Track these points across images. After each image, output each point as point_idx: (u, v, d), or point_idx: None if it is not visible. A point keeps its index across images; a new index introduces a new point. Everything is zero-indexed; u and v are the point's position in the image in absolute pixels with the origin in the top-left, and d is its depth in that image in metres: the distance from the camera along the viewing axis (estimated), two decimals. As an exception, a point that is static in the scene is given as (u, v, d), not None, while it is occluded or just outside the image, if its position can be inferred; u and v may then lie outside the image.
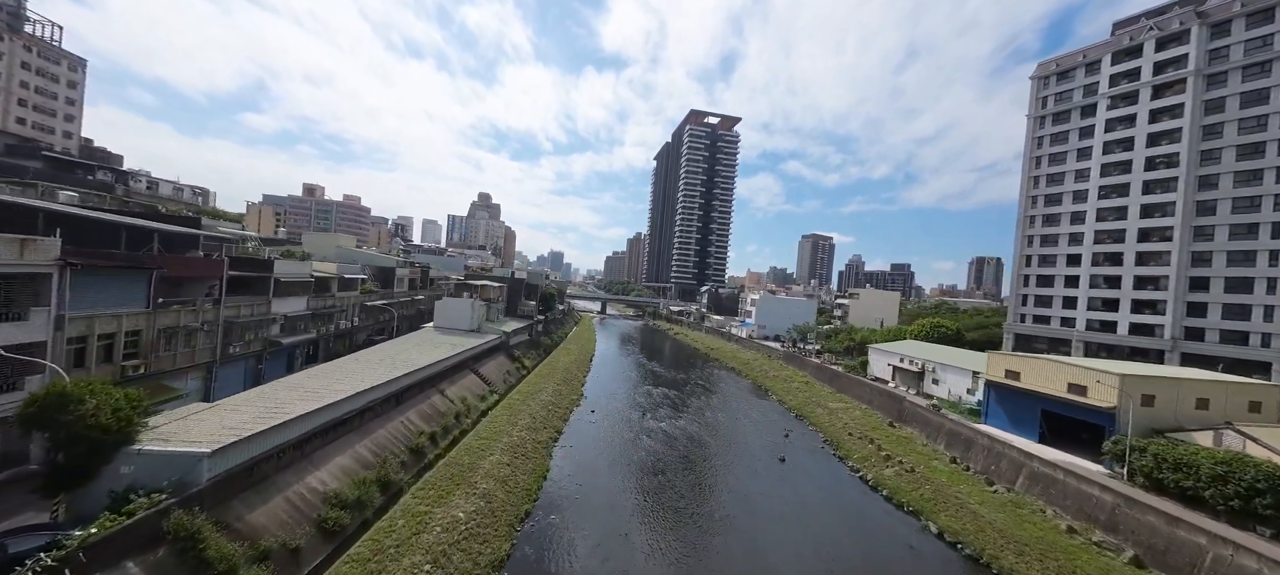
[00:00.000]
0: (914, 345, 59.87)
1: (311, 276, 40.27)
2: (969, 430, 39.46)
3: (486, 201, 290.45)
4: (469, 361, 46.52)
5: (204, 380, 31.14)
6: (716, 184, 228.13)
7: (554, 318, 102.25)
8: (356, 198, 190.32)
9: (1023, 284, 69.59)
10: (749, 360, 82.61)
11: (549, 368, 60.92)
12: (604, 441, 38.91)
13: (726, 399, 58.84)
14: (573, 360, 69.35)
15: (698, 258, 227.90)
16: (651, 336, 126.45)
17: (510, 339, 60.52)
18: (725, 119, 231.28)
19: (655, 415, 48.11)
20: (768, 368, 75.24)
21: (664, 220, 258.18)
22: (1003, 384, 40.20)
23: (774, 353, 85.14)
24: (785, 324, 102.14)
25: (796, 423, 50.11)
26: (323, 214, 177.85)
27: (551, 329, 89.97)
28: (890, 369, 57.20)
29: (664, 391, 58.95)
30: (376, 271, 58.05)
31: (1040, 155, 69.37)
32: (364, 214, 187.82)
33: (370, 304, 51.20)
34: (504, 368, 52.98)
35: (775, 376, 68.93)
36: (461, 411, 36.25)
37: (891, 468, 36.71)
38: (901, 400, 48.30)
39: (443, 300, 56.42)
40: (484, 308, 60.63)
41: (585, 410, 47.32)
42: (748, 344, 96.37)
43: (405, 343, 45.92)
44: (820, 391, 59.65)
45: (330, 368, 33.82)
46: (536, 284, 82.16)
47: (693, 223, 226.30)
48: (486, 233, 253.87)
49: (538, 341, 72.70)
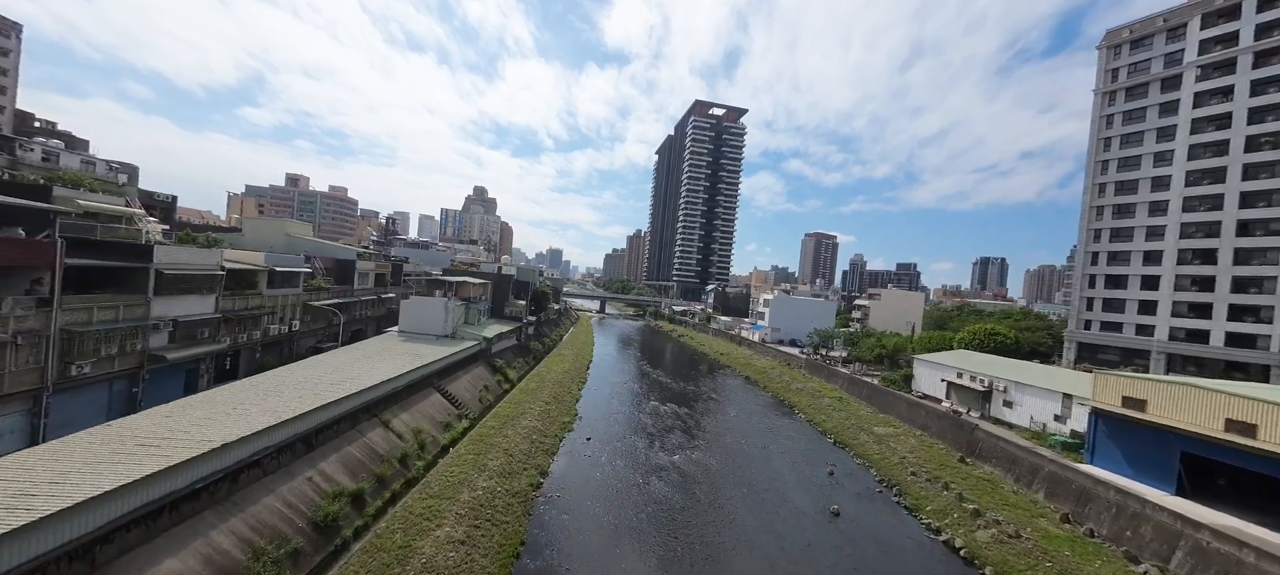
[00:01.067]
0: (971, 357, 50.60)
1: (221, 269, 30.86)
2: (1077, 476, 30.25)
3: (482, 195, 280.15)
4: (435, 377, 37.20)
5: (29, 415, 21.84)
6: (721, 178, 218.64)
7: (548, 319, 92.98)
8: (343, 188, 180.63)
9: (1088, 286, 60.32)
10: (766, 369, 73.41)
11: (538, 380, 51.64)
12: (602, 488, 29.63)
13: (747, 419, 49.60)
14: (567, 369, 60.07)
15: (701, 255, 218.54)
16: (654, 338, 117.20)
17: (493, 345, 51.24)
18: (731, 110, 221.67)
19: (665, 443, 38.86)
20: (789, 378, 66.01)
21: (665, 217, 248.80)
22: (1119, 415, 30.97)
23: (793, 360, 75.91)
24: (802, 327, 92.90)
25: (838, 453, 40.88)
26: (307, 205, 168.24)
27: (544, 332, 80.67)
28: (943, 385, 47.98)
29: (673, 409, 49.71)
30: (333, 265, 48.68)
31: (1110, 137, 60.00)
32: (350, 205, 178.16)
33: (317, 304, 41.81)
34: (482, 382, 43.66)
35: (800, 390, 59.69)
36: (411, 452, 26.94)
37: (985, 529, 27.47)
38: (971, 428, 39.04)
39: (409, 300, 47.08)
40: (461, 309, 51.29)
41: (579, 437, 38.06)
42: (761, 349, 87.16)
43: (353, 354, 36.56)
44: (858, 410, 50.41)
45: (221, 394, 24.46)
46: (527, 281, 72.92)
47: (696, 219, 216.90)
48: (481, 227, 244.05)
49: (527, 347, 63.40)
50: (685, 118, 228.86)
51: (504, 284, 64.73)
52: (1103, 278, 59.02)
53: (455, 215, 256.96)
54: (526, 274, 74.20)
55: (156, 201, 51.68)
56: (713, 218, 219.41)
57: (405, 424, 29.38)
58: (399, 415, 29.74)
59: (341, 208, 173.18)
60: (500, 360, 50.02)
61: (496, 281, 64.22)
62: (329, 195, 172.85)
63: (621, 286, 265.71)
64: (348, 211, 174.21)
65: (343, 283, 48.94)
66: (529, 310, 74.03)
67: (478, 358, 46.98)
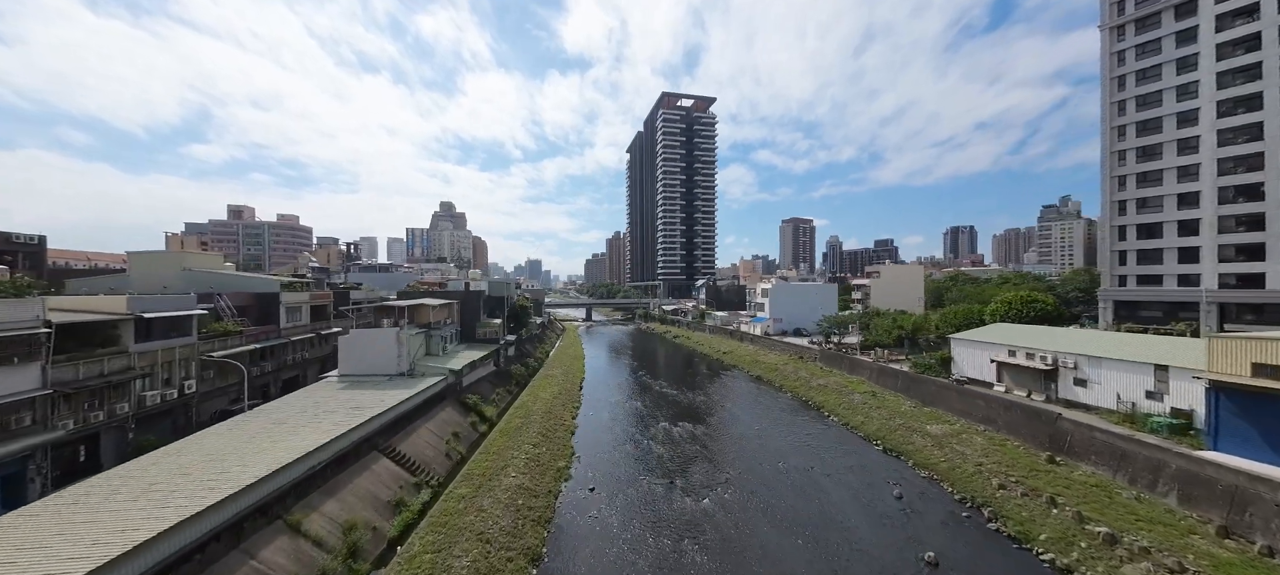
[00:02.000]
0: (1020, 331, 44.50)
1: (44, 324, 21.45)
2: (1218, 472, 23.80)
3: (449, 211, 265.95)
4: (382, 435, 28.36)
5: None
6: (696, 170, 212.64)
7: (531, 335, 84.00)
8: (294, 216, 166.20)
9: (1118, 238, 55.40)
10: (777, 366, 66.44)
11: (523, 413, 43.06)
12: (618, 566, 21.53)
13: (775, 430, 42.21)
14: (556, 393, 51.59)
15: (684, 249, 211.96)
16: (647, 343, 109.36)
17: (464, 378, 42.39)
18: (699, 100, 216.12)
19: (687, 481, 31.02)
20: (806, 374, 59.12)
21: (644, 215, 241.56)
22: (1252, 388, 24.74)
23: (805, 352, 69.25)
24: (806, 315, 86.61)
25: (894, 464, 33.83)
26: (253, 236, 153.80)
27: (527, 351, 71.77)
28: (993, 366, 41.68)
29: (687, 430, 41.92)
30: (251, 301, 39.03)
31: (1123, 74, 55.27)
32: (303, 234, 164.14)
33: (220, 355, 32.29)
34: (450, 429, 34.86)
35: (823, 387, 52.76)
36: (332, 569, 18.21)
37: (1132, 562, 20.61)
38: (1053, 418, 32.50)
39: (348, 336, 37.82)
40: (420, 338, 42.24)
41: (578, 488, 29.85)
42: (766, 343, 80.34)
43: (266, 418, 27.38)
44: (898, 406, 43.66)
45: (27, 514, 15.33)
46: (502, 296, 64.00)
47: (676, 213, 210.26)
48: (452, 244, 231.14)
49: (507, 373, 54.57)
50: (654, 112, 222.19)
51: (474, 302, 55.70)
52: (1133, 228, 54.18)
53: (423, 234, 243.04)
54: (501, 287, 65.23)
55: (15, 244, 40.96)
56: (692, 211, 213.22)
57: (330, 519, 20.59)
58: (321, 507, 20.93)
59: (294, 236, 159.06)
60: (473, 396, 41.21)
61: (464, 300, 55.15)
62: (278, 225, 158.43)
63: (606, 291, 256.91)
64: (301, 241, 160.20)
65: (265, 322, 39.32)
66: (507, 329, 65.08)
67: (444, 397, 38.11)
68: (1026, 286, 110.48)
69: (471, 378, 44.81)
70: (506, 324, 65.11)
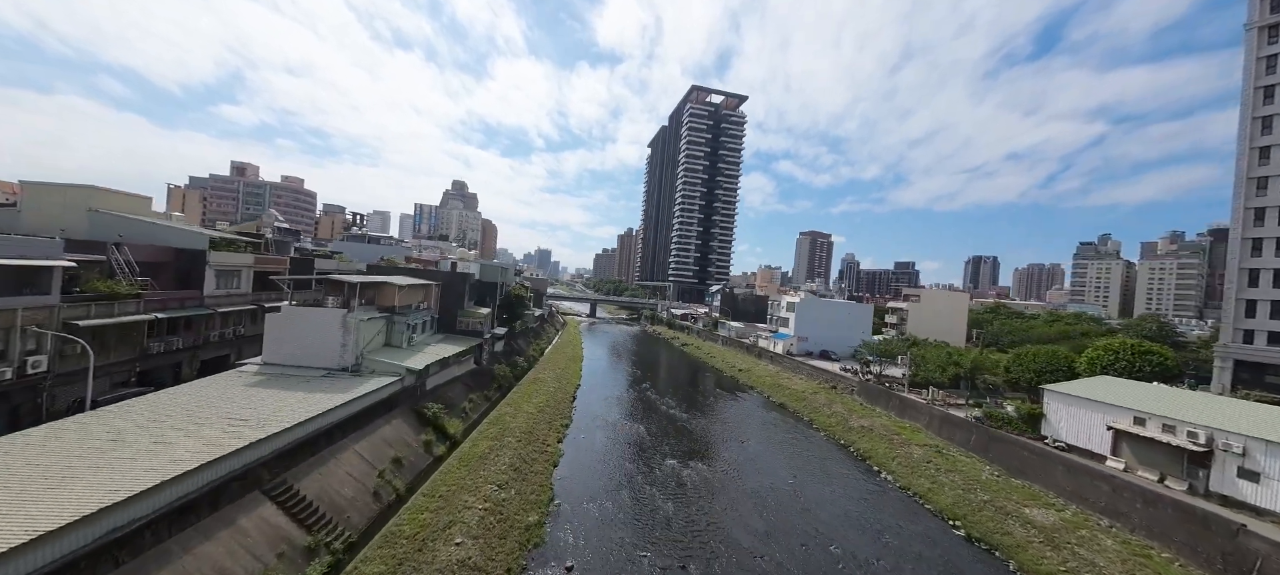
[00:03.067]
0: (1154, 393, 34.73)
1: None
2: None
3: (462, 190, 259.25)
4: (276, 463, 19.89)
5: None
6: (720, 170, 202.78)
7: (527, 328, 75.67)
8: (298, 179, 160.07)
9: (1248, 284, 45.05)
10: (805, 394, 57.07)
11: (497, 430, 34.51)
12: None
13: (812, 483, 33.03)
14: (542, 405, 42.99)
15: (699, 253, 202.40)
16: (653, 348, 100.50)
17: (427, 378, 33.93)
18: (730, 97, 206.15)
19: (705, 565, 22.14)
20: (842, 409, 49.77)
21: (660, 214, 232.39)
22: None
23: (837, 380, 59.84)
24: (835, 337, 76.98)
25: (986, 559, 24.54)
26: (253, 196, 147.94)
27: (520, 347, 63.36)
28: (1108, 435, 32.10)
29: (700, 471, 32.99)
30: (171, 258, 30.99)
31: (1274, 84, 44.85)
32: (306, 198, 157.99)
33: (95, 322, 24.14)
34: (392, 451, 26.34)
35: (867, 431, 43.39)
36: None
37: None
38: (1232, 531, 22.93)
39: (279, 314, 29.51)
40: (379, 325, 33.85)
41: (550, 565, 21.12)
42: (790, 365, 70.95)
43: (106, 423, 19.05)
44: (975, 472, 34.12)
45: None
46: (494, 282, 55.55)
47: (693, 213, 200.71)
48: (461, 224, 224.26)
49: (489, 373, 46.11)
50: (681, 105, 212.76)
51: (457, 286, 47.24)
52: (1271, 274, 43.79)
53: (432, 211, 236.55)
54: (493, 272, 56.75)
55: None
56: (711, 213, 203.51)
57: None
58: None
59: (296, 199, 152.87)
60: (437, 404, 32.64)
61: (447, 283, 46.71)
62: (280, 186, 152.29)
63: (613, 287, 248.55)
64: (304, 205, 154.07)
65: (186, 287, 31.26)
66: (497, 320, 56.69)
67: (396, 404, 29.66)
68: (1082, 325, 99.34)
69: (440, 379, 36.33)
70: (497, 315, 56.72)
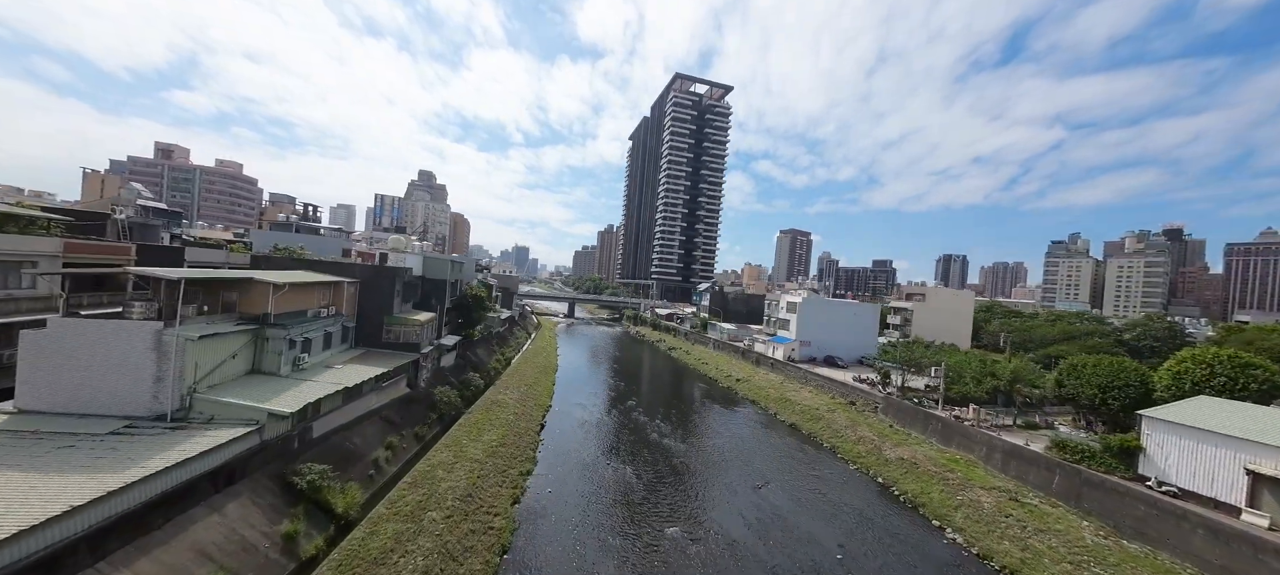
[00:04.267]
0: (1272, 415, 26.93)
1: None
2: None
3: (429, 181, 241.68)
4: None
5: None
6: (705, 163, 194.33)
7: (492, 334, 64.62)
8: (236, 164, 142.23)
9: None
10: (818, 410, 48.28)
11: (421, 494, 23.95)
12: None
13: (865, 553, 23.83)
14: (497, 441, 32.52)
15: (683, 249, 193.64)
16: (636, 352, 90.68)
17: (309, 424, 23.03)
18: (715, 87, 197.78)
19: None
20: (871, 434, 41.09)
21: (641, 208, 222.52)
22: None
23: (853, 393, 51.41)
24: (840, 341, 68.87)
25: None
26: (181, 183, 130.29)
27: (476, 360, 52.40)
28: (1244, 478, 24.13)
29: (715, 541, 23.32)
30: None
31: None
32: (246, 185, 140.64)
33: None
34: (219, 562, 15.57)
35: (910, 465, 34.67)
36: None
37: None
38: None
39: (42, 332, 18.29)
40: (240, 341, 22.77)
41: None
42: (794, 373, 62.30)
43: None
44: (1075, 531, 25.58)
45: None
46: (442, 278, 44.53)
47: (677, 208, 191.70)
48: (427, 217, 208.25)
49: (427, 399, 35.23)
50: (663, 96, 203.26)
51: (382, 284, 36.05)
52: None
53: (395, 202, 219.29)
54: (440, 266, 45.54)
55: None
56: (696, 209, 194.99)
57: None
58: None
59: (235, 187, 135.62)
60: (319, 466, 21.75)
61: (367, 281, 35.56)
62: (214, 171, 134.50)
63: (593, 286, 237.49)
64: (243, 194, 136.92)
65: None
66: (449, 326, 45.63)
67: (243, 471, 18.79)
68: (1085, 325, 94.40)
69: (342, 417, 25.46)
70: (447, 320, 45.64)
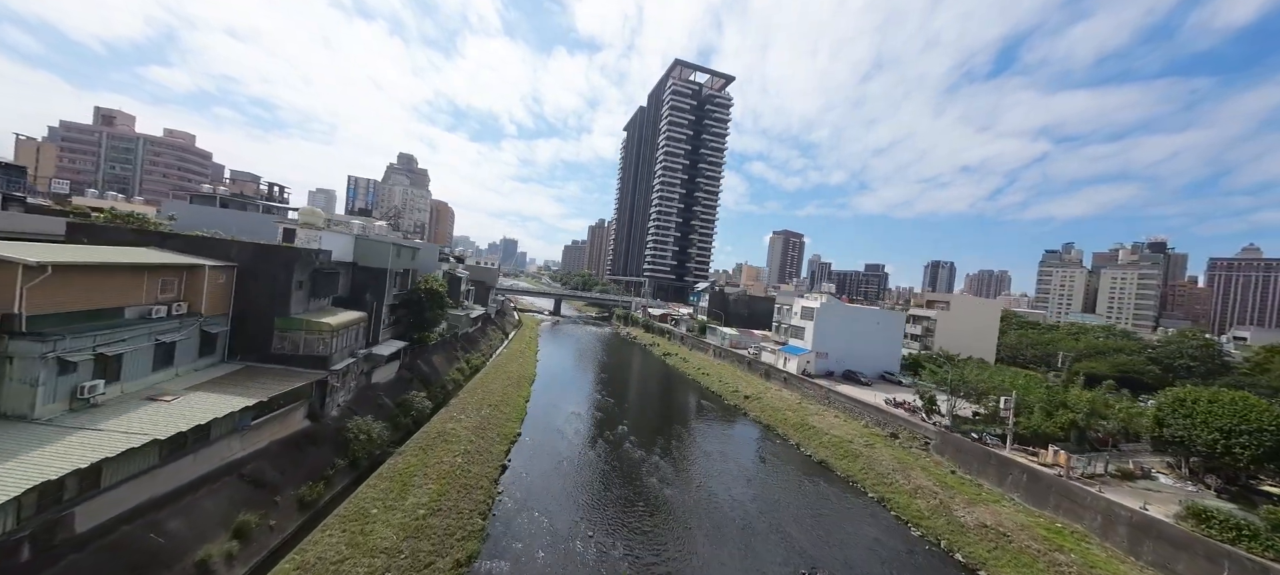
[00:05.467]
0: None
1: None
2: None
3: (409, 165, 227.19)
4: None
5: None
6: (703, 156, 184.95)
7: (456, 336, 54.35)
8: (189, 136, 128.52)
9: None
10: (852, 445, 39.15)
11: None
12: None
13: None
14: (431, 499, 22.67)
15: (678, 247, 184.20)
16: (627, 356, 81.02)
17: (69, 509, 12.92)
18: (716, 76, 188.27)
19: None
20: (929, 484, 32.03)
21: (635, 202, 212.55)
22: None
23: (894, 423, 42.46)
24: (861, 353, 59.97)
25: None
26: (121, 153, 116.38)
27: (428, 372, 42.17)
28: None
29: None
30: None
31: None
32: (195, 159, 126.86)
33: None
34: None
35: (997, 539, 25.66)
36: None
37: None
38: None
39: None
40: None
41: None
42: (812, 390, 53.23)
43: None
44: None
45: None
46: (382, 267, 34.28)
47: (672, 203, 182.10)
48: (406, 202, 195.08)
49: (335, 436, 25.10)
50: (661, 83, 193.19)
51: (275, 272, 25.92)
52: None
53: (370, 185, 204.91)
54: (377, 252, 35.03)
55: None
56: (692, 204, 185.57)
57: None
58: None
59: (183, 160, 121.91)
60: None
61: (249, 266, 25.31)
62: (161, 141, 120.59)
63: (582, 282, 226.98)
64: (193, 167, 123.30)
65: None
66: (392, 328, 35.36)
67: None
68: (1113, 341, 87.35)
69: (149, 490, 15.30)
70: (388, 320, 35.33)
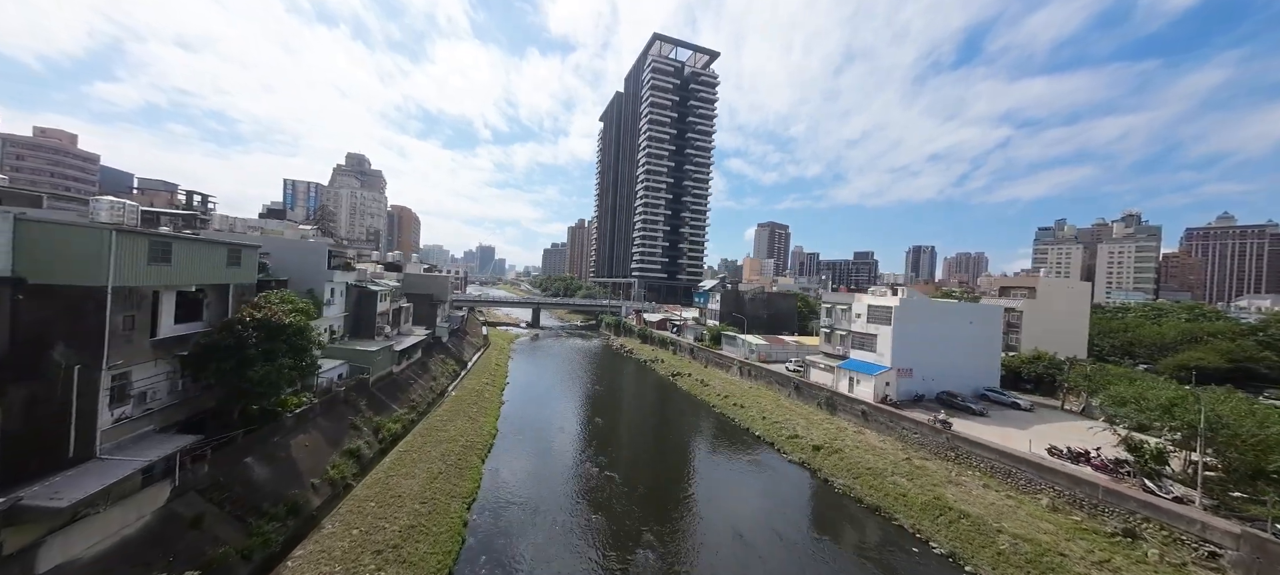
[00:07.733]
0: None
1: None
2: None
3: (360, 166, 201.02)
4: None
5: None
6: (690, 140, 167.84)
7: (362, 387, 35.26)
8: (68, 135, 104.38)
9: None
10: (1064, 560, 21.90)
11: None
12: None
13: None
14: None
15: (668, 242, 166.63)
16: (622, 375, 62.38)
17: None
18: (699, 52, 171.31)
19: None
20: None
21: (617, 197, 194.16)
22: None
23: (1091, 500, 25.32)
24: (956, 365, 43.09)
25: None
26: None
27: (245, 495, 23.02)
28: None
29: None
30: None
31: None
32: (77, 163, 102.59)
33: None
34: None
35: None
36: None
37: None
38: None
39: None
40: None
41: None
42: (914, 434, 35.95)
43: None
44: None
45: None
46: (94, 285, 15.50)
47: (660, 194, 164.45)
48: (356, 208, 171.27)
49: None
50: (640, 61, 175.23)
51: None
52: None
53: (311, 188, 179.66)
54: (80, 249, 16.26)
55: None
56: (681, 194, 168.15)
57: None
58: None
59: (58, 165, 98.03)
60: None
61: None
62: (25, 142, 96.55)
63: (564, 287, 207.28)
64: (74, 173, 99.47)
65: None
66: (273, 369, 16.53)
67: None
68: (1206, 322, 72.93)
69: None
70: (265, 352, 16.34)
